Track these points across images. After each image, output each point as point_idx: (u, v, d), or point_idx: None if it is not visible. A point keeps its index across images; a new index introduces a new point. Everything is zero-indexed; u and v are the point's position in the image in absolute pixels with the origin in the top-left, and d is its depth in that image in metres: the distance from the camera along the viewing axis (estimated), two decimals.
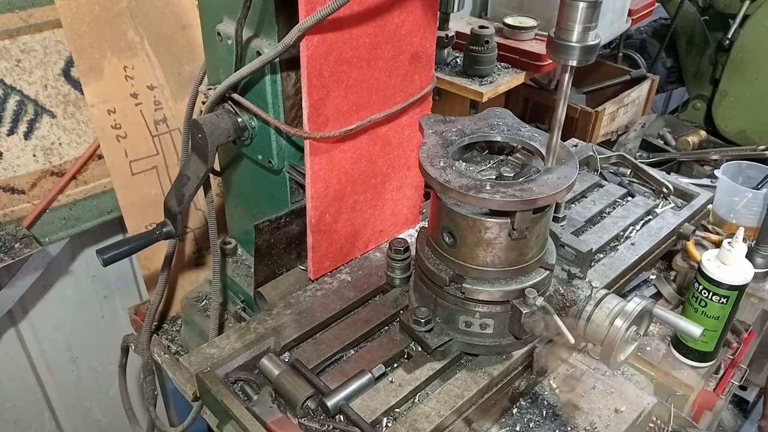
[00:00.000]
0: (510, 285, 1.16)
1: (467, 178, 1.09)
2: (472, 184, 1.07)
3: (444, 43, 1.86)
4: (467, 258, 1.16)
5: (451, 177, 1.09)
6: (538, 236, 1.16)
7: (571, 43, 0.98)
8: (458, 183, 1.07)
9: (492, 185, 1.07)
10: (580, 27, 0.96)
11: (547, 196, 1.06)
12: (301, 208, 1.39)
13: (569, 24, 0.97)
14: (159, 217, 1.44)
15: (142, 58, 1.68)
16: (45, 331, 2.09)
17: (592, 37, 0.98)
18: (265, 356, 1.21)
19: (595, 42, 0.98)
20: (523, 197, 1.05)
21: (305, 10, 1.09)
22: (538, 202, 1.06)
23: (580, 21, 0.96)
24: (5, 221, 1.72)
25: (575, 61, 1.00)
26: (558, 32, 0.99)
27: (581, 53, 0.98)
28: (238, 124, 1.34)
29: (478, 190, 1.05)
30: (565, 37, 0.98)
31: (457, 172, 1.10)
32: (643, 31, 3.12)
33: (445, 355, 1.22)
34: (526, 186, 1.07)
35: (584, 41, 0.98)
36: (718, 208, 1.90)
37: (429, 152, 1.16)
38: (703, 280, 1.42)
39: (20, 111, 1.65)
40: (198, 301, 1.69)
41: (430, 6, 1.31)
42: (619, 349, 1.15)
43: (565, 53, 0.99)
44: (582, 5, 0.95)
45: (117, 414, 2.30)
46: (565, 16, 0.97)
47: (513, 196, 1.05)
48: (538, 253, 1.19)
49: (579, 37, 0.97)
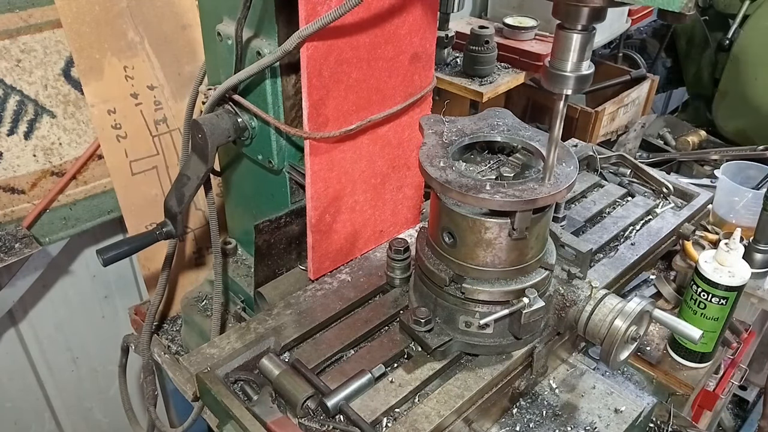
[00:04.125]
0: (510, 285, 1.16)
1: (467, 178, 1.09)
2: (472, 184, 1.07)
3: (444, 43, 1.86)
4: (467, 258, 1.16)
5: (451, 177, 1.09)
6: (538, 236, 1.16)
7: (565, 73, 0.99)
8: (458, 183, 1.07)
9: (492, 185, 1.07)
10: (575, 57, 0.98)
11: (547, 196, 1.07)
12: (301, 208, 1.39)
13: (564, 54, 0.99)
14: (159, 217, 1.44)
15: (142, 58, 1.68)
16: (45, 331, 2.09)
17: (585, 67, 1.00)
18: (265, 356, 1.21)
19: (589, 72, 1.01)
20: (523, 197, 1.05)
21: (305, 14, 1.09)
22: (538, 202, 1.06)
23: (574, 51, 0.98)
24: (5, 221, 1.72)
25: (570, 90, 1.02)
26: (552, 62, 1.01)
27: (576, 83, 1.00)
28: (238, 124, 1.34)
29: (478, 190, 1.05)
30: (559, 67, 1.00)
31: (457, 172, 1.10)
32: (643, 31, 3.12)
33: (445, 355, 1.22)
34: (526, 186, 1.07)
35: (578, 71, 1.00)
36: (717, 208, 1.90)
37: (429, 152, 1.16)
38: (701, 281, 1.42)
39: (20, 111, 1.65)
40: (198, 301, 1.69)
41: (430, 6, 1.31)
42: (619, 349, 1.15)
43: (560, 83, 1.01)
44: (576, 36, 0.96)
45: (117, 414, 2.30)
46: (559, 47, 0.99)
47: (513, 196, 1.05)
48: (538, 253, 1.19)
49: (573, 67, 0.99)
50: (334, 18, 1.05)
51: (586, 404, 1.27)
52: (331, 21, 1.06)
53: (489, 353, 1.23)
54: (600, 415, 1.25)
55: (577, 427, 1.22)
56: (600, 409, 1.26)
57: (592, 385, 1.32)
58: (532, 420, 1.25)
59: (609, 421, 1.24)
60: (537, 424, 1.24)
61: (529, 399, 1.29)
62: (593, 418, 1.24)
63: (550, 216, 1.19)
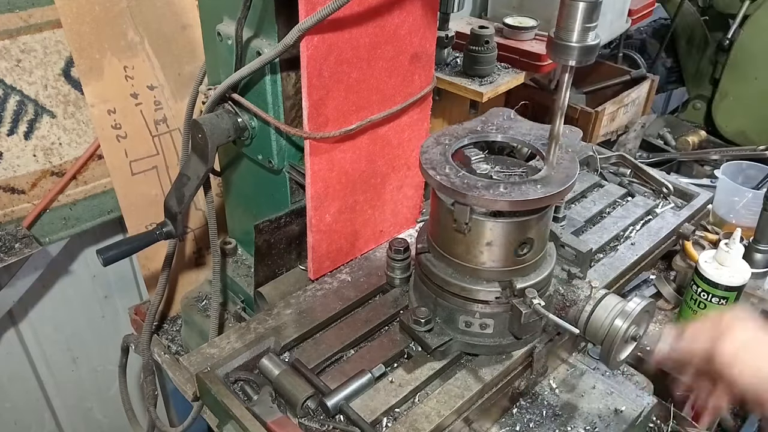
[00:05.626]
0: (522, 282, 1.16)
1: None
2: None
3: (444, 43, 1.85)
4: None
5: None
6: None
7: (570, 43, 0.98)
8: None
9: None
10: (580, 27, 0.96)
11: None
12: (301, 208, 1.39)
13: (569, 24, 0.97)
14: (159, 217, 1.44)
15: (142, 58, 1.68)
16: (45, 331, 2.09)
17: (591, 38, 0.98)
18: (265, 356, 1.21)
19: (595, 42, 0.98)
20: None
21: (305, 11, 1.09)
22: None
23: (579, 21, 0.96)
24: (5, 221, 1.72)
25: (575, 62, 0.99)
26: (558, 32, 0.99)
27: (581, 53, 0.98)
28: (238, 124, 1.34)
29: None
30: (564, 37, 0.98)
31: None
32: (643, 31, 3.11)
33: (445, 355, 1.22)
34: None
35: (584, 41, 0.98)
36: (718, 208, 1.90)
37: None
38: (701, 281, 1.42)
39: (20, 111, 1.65)
40: (198, 301, 1.69)
41: (430, 6, 1.31)
42: (618, 349, 1.15)
43: (565, 53, 0.99)
44: (582, 5, 0.95)
45: (117, 414, 2.30)
46: (564, 16, 0.97)
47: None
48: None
49: (579, 37, 0.97)
50: (334, 9, 1.04)
51: (586, 404, 1.27)
52: (331, 12, 1.05)
53: (489, 353, 1.23)
54: (600, 415, 1.25)
55: (577, 427, 1.22)
56: (600, 409, 1.26)
57: (592, 385, 1.32)
58: (532, 420, 1.25)
59: (609, 421, 1.24)
60: (537, 424, 1.24)
61: (529, 399, 1.29)
62: (593, 418, 1.24)
63: (550, 216, 1.19)
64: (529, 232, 1.12)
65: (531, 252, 1.16)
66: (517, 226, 1.11)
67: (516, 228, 1.11)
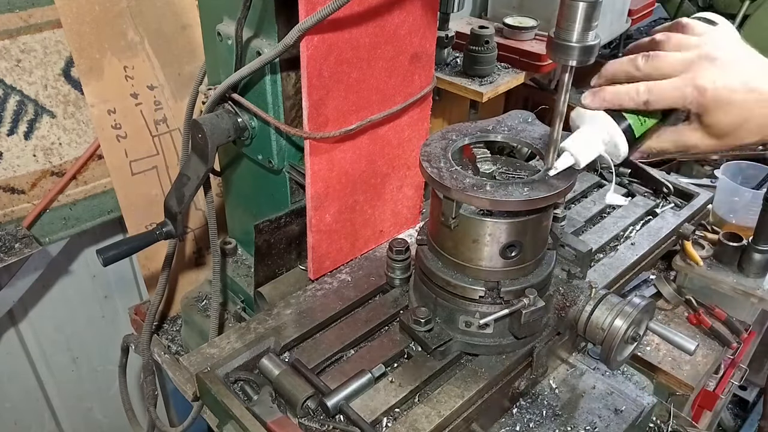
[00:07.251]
0: (510, 285, 1.16)
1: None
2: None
3: (444, 43, 1.85)
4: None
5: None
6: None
7: (570, 43, 0.98)
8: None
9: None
10: (580, 27, 0.96)
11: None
12: (301, 208, 1.39)
13: (569, 24, 0.96)
14: (159, 217, 1.44)
15: (142, 58, 1.68)
16: (45, 331, 2.09)
17: (591, 38, 0.98)
18: (265, 356, 1.21)
19: (595, 42, 0.98)
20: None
21: (305, 11, 1.09)
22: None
23: (579, 21, 0.96)
24: (5, 221, 1.73)
25: (575, 62, 0.99)
26: (558, 32, 0.99)
27: (581, 53, 0.98)
28: (238, 124, 1.34)
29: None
30: (564, 37, 0.98)
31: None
32: (643, 31, 3.11)
33: (445, 355, 1.22)
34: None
35: (584, 41, 0.97)
36: (718, 208, 1.90)
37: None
38: None
39: (20, 111, 1.65)
40: (198, 301, 1.69)
41: (430, 6, 1.31)
42: (619, 349, 1.15)
43: (565, 53, 0.98)
44: (582, 5, 0.94)
45: (117, 414, 2.30)
46: (564, 16, 0.97)
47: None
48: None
49: (579, 37, 0.97)
50: (334, 9, 1.04)
51: (586, 404, 1.27)
52: (331, 12, 1.05)
53: (489, 353, 1.23)
54: (600, 415, 1.25)
55: (577, 427, 1.22)
56: (600, 409, 1.26)
57: (592, 385, 1.32)
58: (532, 420, 1.25)
59: (609, 421, 1.24)
60: (537, 424, 1.24)
61: (529, 399, 1.29)
62: (593, 418, 1.24)
63: (549, 216, 1.19)
64: (516, 234, 1.12)
65: (520, 255, 1.15)
66: (501, 226, 1.10)
67: (501, 228, 1.10)
